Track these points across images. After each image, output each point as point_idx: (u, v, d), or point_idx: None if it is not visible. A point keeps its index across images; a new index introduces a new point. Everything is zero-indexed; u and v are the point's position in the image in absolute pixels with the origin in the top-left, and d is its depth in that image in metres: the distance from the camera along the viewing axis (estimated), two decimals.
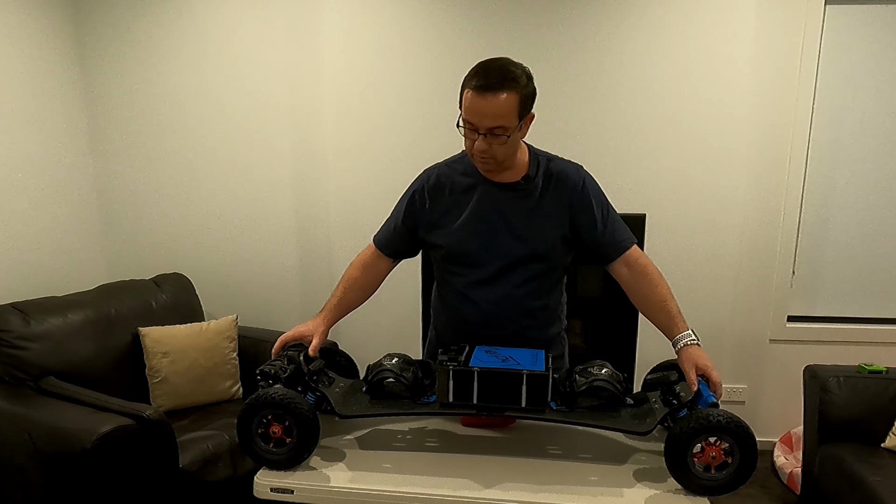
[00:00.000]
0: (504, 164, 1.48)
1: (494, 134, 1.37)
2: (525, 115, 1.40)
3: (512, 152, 1.46)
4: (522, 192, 1.51)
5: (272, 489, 1.25)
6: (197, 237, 3.01)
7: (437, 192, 1.57)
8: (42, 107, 2.68)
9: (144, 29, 2.83)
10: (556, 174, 1.52)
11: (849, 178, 2.82)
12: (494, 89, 1.33)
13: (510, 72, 1.36)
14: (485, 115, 1.35)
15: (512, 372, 1.28)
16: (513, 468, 1.30)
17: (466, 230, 1.53)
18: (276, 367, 1.37)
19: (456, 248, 1.55)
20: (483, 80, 1.34)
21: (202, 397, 2.51)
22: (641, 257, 1.53)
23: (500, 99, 1.34)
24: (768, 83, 2.69)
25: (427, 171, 1.64)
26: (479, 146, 1.40)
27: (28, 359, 2.19)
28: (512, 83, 1.35)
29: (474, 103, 1.35)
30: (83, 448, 1.79)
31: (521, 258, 1.52)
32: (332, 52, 2.80)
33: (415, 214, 1.60)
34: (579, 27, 2.70)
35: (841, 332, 2.89)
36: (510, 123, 1.37)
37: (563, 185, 1.51)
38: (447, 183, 1.57)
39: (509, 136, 1.38)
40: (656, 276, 1.49)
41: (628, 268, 1.51)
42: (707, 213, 2.82)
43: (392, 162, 2.88)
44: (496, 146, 1.40)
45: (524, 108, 1.39)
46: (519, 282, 1.54)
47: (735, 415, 1.19)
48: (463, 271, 1.57)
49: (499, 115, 1.35)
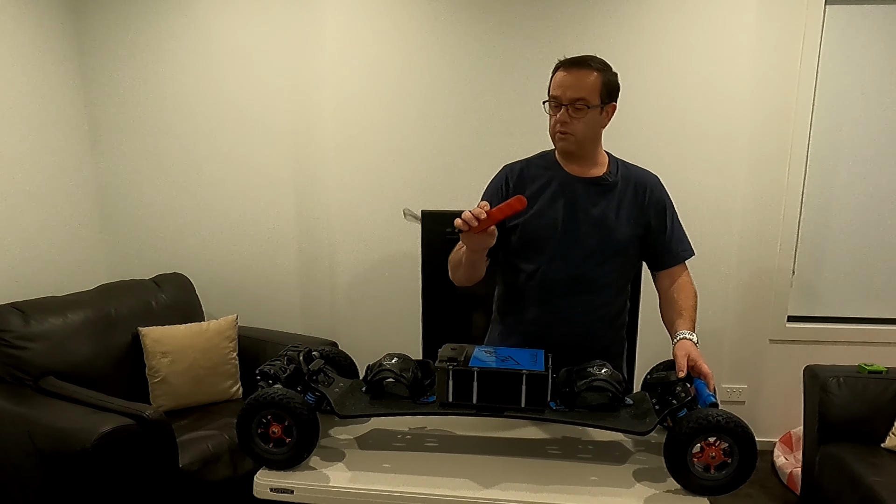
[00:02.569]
0: (584, 149, 1.56)
1: (576, 106, 1.48)
2: (608, 103, 1.52)
3: (591, 136, 1.54)
4: (603, 186, 1.58)
5: (272, 489, 1.25)
6: (197, 237, 3.02)
7: (521, 181, 1.62)
8: (42, 107, 2.68)
9: (144, 29, 2.83)
10: (635, 176, 1.62)
11: (849, 178, 2.82)
12: (580, 66, 1.49)
13: (596, 58, 1.52)
14: (569, 86, 1.48)
15: (511, 372, 1.28)
16: (513, 468, 1.30)
17: (546, 217, 1.57)
18: (276, 367, 1.37)
19: (532, 232, 1.57)
20: (572, 59, 1.50)
21: (202, 397, 2.51)
22: (687, 276, 1.62)
23: (584, 73, 1.48)
24: (768, 83, 2.69)
25: (509, 166, 1.68)
26: (562, 117, 1.50)
27: (28, 359, 2.19)
28: (597, 64, 1.50)
29: (561, 77, 1.50)
30: (83, 448, 1.79)
31: (595, 251, 1.56)
32: (333, 52, 2.80)
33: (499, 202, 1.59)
34: (579, 27, 2.70)
35: (841, 332, 2.89)
36: (592, 98, 1.48)
37: (643, 189, 1.60)
38: (530, 174, 1.62)
39: (590, 108, 1.48)
40: (691, 291, 1.59)
41: (671, 279, 1.61)
42: (707, 213, 2.82)
43: (393, 162, 2.88)
44: (576, 121, 1.49)
45: (606, 92, 1.51)
46: (592, 276, 1.57)
47: (735, 415, 1.19)
48: (538, 258, 1.58)
49: (581, 87, 1.47)
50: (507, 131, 2.77)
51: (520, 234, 1.59)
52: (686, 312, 1.52)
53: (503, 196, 1.59)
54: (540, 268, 1.58)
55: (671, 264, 1.61)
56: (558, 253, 1.56)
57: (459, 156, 2.84)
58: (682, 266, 1.63)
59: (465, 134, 2.82)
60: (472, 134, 2.82)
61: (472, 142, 2.82)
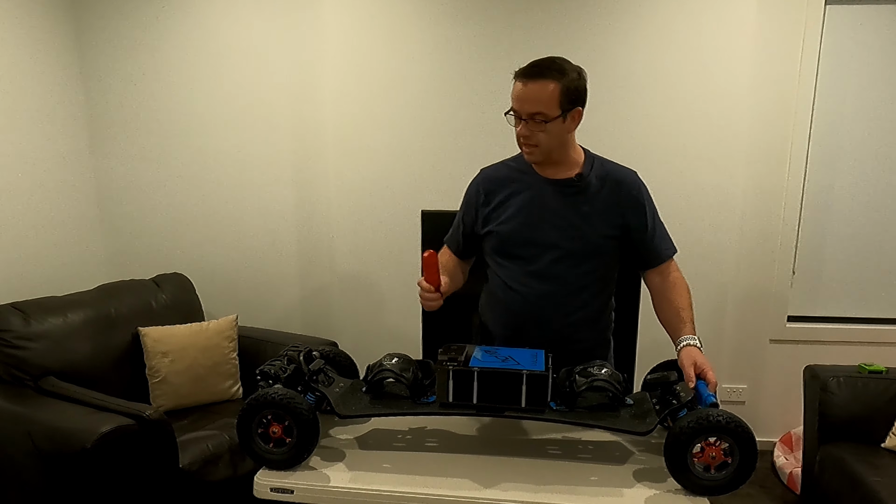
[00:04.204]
0: (552, 157, 1.54)
1: (535, 120, 1.45)
2: (570, 109, 1.47)
3: (557, 144, 1.51)
4: (575, 188, 1.56)
5: (272, 489, 1.25)
6: (197, 237, 3.01)
7: (493, 187, 1.62)
8: (42, 107, 2.68)
9: (144, 28, 2.83)
10: (611, 176, 1.58)
11: (849, 177, 2.82)
12: (536, 77, 1.44)
13: (555, 63, 1.46)
14: (525, 100, 1.45)
15: (512, 372, 1.28)
16: (513, 468, 1.30)
17: (518, 221, 1.57)
18: (276, 367, 1.37)
19: (505, 238, 1.58)
20: (529, 69, 1.46)
21: (202, 397, 2.51)
22: (676, 270, 1.60)
23: (540, 86, 1.43)
24: (768, 83, 2.69)
25: (484, 169, 1.69)
26: (522, 131, 1.49)
27: (28, 359, 2.19)
28: (555, 73, 1.44)
29: (518, 90, 1.46)
30: (83, 448, 1.79)
31: (570, 253, 1.55)
32: (333, 53, 2.80)
33: (473, 210, 1.65)
34: (579, 27, 2.70)
35: (841, 332, 2.89)
36: (550, 111, 1.44)
37: (618, 187, 1.57)
38: (503, 178, 1.62)
39: (548, 122, 1.45)
40: (684, 288, 1.57)
41: (661, 277, 1.59)
42: (707, 214, 2.82)
43: (393, 162, 2.88)
44: (538, 133, 1.47)
45: (567, 100, 1.46)
46: (568, 278, 1.56)
47: (735, 415, 1.19)
48: (512, 263, 1.59)
49: (538, 101, 1.44)
50: (507, 130, 2.75)
51: (494, 239, 1.61)
52: (685, 313, 1.51)
53: (478, 204, 1.63)
54: (514, 272, 1.59)
55: (657, 262, 1.60)
56: (531, 257, 1.57)
57: (460, 155, 2.84)
58: (670, 262, 1.61)
59: (466, 133, 2.82)
60: (472, 133, 2.82)
61: (472, 141, 2.82)
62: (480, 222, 1.63)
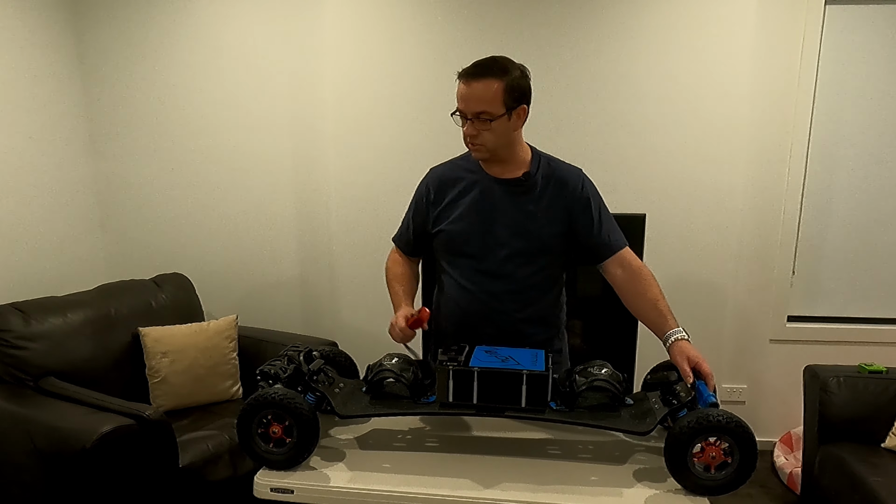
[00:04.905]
0: (498, 155, 1.55)
1: (480, 119, 1.46)
2: (515, 107, 1.48)
3: (504, 142, 1.52)
4: (522, 187, 1.57)
5: (272, 489, 1.25)
6: (197, 237, 3.01)
7: (443, 186, 1.64)
8: (42, 107, 2.68)
9: (144, 29, 2.83)
10: (556, 174, 1.59)
11: (849, 177, 2.82)
12: (479, 76, 1.45)
13: (497, 63, 1.46)
14: (469, 99, 1.47)
15: (512, 372, 1.28)
16: (513, 468, 1.30)
17: (467, 220, 1.59)
18: (276, 367, 1.37)
19: (456, 237, 1.60)
20: (472, 69, 1.47)
21: (202, 397, 2.51)
22: (635, 259, 1.58)
23: (483, 85, 1.44)
24: (768, 83, 2.69)
25: (433, 169, 1.71)
26: (468, 131, 1.50)
27: (28, 359, 2.19)
28: (497, 72, 1.44)
29: (461, 90, 1.48)
30: (83, 448, 1.79)
31: (519, 251, 1.57)
32: (333, 52, 2.80)
33: (424, 210, 1.67)
34: (579, 27, 2.70)
35: (841, 332, 2.89)
36: (494, 109, 1.45)
37: (563, 186, 1.58)
38: (452, 177, 1.64)
39: (492, 121, 1.46)
40: (649, 277, 1.54)
41: (622, 268, 1.57)
42: (707, 213, 2.82)
43: (393, 162, 2.88)
44: (484, 132, 1.48)
45: (511, 98, 1.46)
46: (518, 276, 1.58)
47: (735, 415, 1.19)
48: (462, 262, 1.62)
49: (482, 100, 1.45)
50: None
51: (444, 238, 1.63)
52: (661, 304, 1.48)
53: (428, 204, 1.65)
54: (465, 271, 1.62)
55: (609, 254, 1.57)
56: (479, 255, 1.59)
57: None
58: (625, 251, 1.58)
59: None
60: None
61: None
62: (431, 221, 1.65)
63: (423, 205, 1.67)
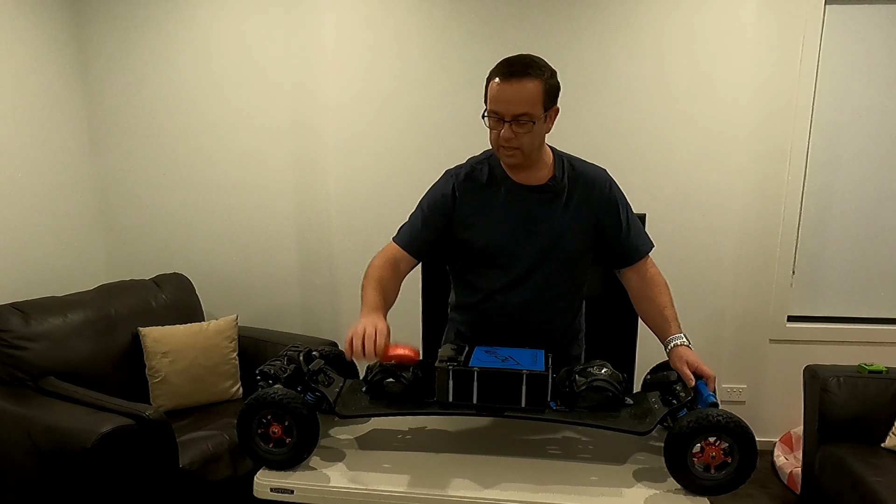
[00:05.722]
0: (530, 159, 1.47)
1: (520, 122, 1.38)
2: (550, 108, 1.42)
3: (538, 145, 1.46)
4: (551, 193, 1.52)
5: (272, 489, 1.25)
6: (197, 237, 3.02)
7: (468, 190, 1.55)
8: (42, 107, 2.68)
9: (144, 29, 2.83)
10: (582, 176, 1.54)
11: (849, 178, 2.82)
12: (520, 76, 1.36)
13: (535, 62, 1.39)
14: (511, 101, 1.37)
15: (512, 372, 1.28)
16: (513, 468, 1.30)
17: (497, 231, 1.52)
18: (276, 367, 1.37)
19: (487, 248, 1.53)
20: (509, 67, 1.38)
21: (202, 397, 2.51)
22: (652, 266, 1.57)
23: (526, 85, 1.36)
24: (768, 83, 2.69)
25: (454, 170, 1.60)
26: (506, 134, 1.40)
27: (28, 359, 2.19)
28: (537, 71, 1.37)
29: (500, 91, 1.38)
30: (83, 448, 1.79)
31: (551, 260, 1.53)
32: (333, 52, 2.80)
33: (447, 212, 1.55)
34: (579, 27, 2.70)
35: (841, 332, 2.89)
36: (536, 111, 1.38)
37: (590, 187, 1.53)
38: (476, 182, 1.55)
39: (535, 123, 1.39)
40: (663, 284, 1.54)
41: (638, 275, 1.56)
42: (707, 213, 2.82)
43: (393, 162, 2.88)
44: (522, 136, 1.40)
45: (549, 99, 1.40)
46: (547, 284, 1.55)
47: (735, 415, 1.19)
48: (491, 273, 1.56)
49: (525, 101, 1.36)
50: None
51: (470, 249, 1.55)
52: (668, 311, 1.48)
53: (449, 208, 1.53)
54: (491, 281, 1.56)
55: (635, 259, 1.55)
56: (509, 266, 1.53)
57: (460, 156, 2.80)
58: (646, 258, 1.57)
59: (466, 135, 2.81)
60: (472, 135, 2.81)
61: (472, 143, 2.81)
62: (458, 225, 1.55)
63: (445, 206, 1.54)
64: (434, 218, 1.57)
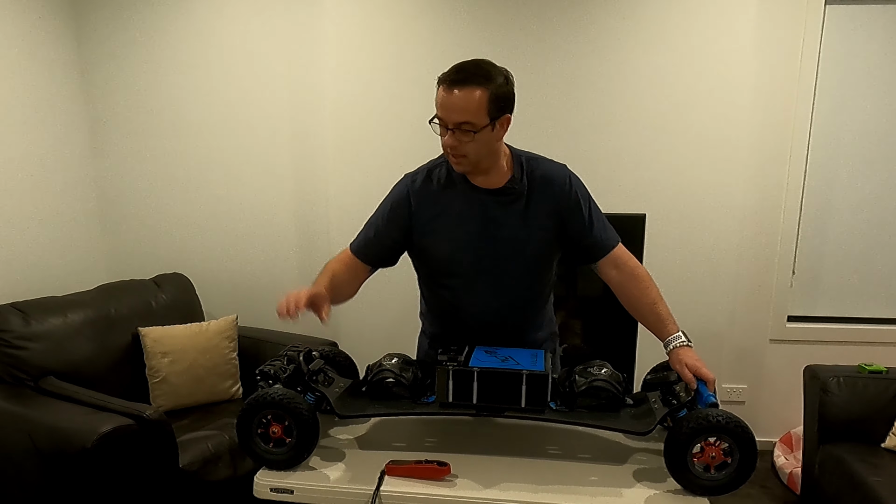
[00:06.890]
0: (480, 166, 1.44)
1: (462, 130, 1.35)
2: (499, 117, 1.38)
3: (486, 153, 1.41)
4: (510, 196, 1.48)
5: (272, 489, 1.25)
6: (197, 237, 3.01)
7: (424, 196, 1.51)
8: (42, 107, 2.68)
9: (144, 29, 2.83)
10: (541, 176, 1.49)
11: (849, 177, 2.82)
12: (462, 84, 1.34)
13: (482, 69, 1.36)
14: (452, 109, 1.35)
15: (512, 372, 1.28)
16: (513, 468, 1.30)
17: (457, 236, 1.49)
18: (276, 367, 1.37)
19: (447, 255, 1.51)
20: (453, 75, 1.36)
21: (202, 397, 2.51)
22: (630, 259, 1.51)
23: (468, 94, 1.33)
24: (768, 83, 2.69)
25: (412, 174, 1.55)
26: (448, 142, 1.38)
27: (28, 359, 2.19)
28: (482, 80, 1.34)
29: (444, 98, 1.36)
30: (83, 448, 1.79)
31: (515, 264, 1.50)
32: (333, 53, 2.80)
33: (402, 221, 1.52)
34: (579, 27, 2.70)
35: (841, 332, 2.89)
36: (478, 120, 1.35)
37: (549, 187, 1.49)
38: (432, 186, 1.51)
39: (476, 132, 1.35)
40: (646, 278, 1.49)
41: (617, 269, 1.50)
42: (707, 213, 2.82)
43: (392, 162, 2.87)
44: (466, 143, 1.37)
45: (496, 108, 1.36)
46: (515, 287, 1.53)
47: (735, 415, 1.19)
48: (454, 281, 1.53)
49: (466, 110, 1.34)
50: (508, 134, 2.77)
51: (431, 258, 1.53)
52: (660, 308, 1.44)
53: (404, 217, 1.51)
54: (457, 291, 1.54)
55: (602, 253, 1.50)
56: (474, 274, 1.51)
57: None
58: (619, 248, 1.51)
59: None
60: None
61: None
62: (417, 233, 1.51)
63: (401, 214, 1.51)
64: (388, 228, 1.53)
